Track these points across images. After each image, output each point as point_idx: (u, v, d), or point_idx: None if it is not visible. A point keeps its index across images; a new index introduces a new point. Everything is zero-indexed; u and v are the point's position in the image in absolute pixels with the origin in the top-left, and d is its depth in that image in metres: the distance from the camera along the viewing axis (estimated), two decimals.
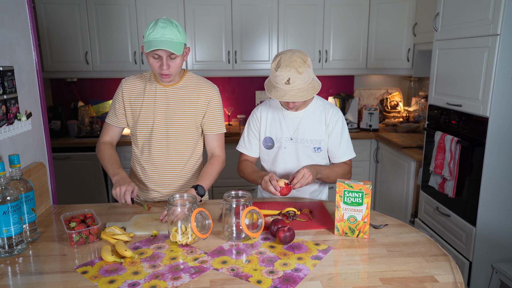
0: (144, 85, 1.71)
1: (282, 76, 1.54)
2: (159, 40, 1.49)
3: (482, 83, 2.07)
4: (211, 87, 1.74)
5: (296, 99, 1.56)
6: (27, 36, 1.69)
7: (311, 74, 1.60)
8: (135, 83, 1.72)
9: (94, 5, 3.36)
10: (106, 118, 1.79)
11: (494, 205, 2.13)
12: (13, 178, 1.35)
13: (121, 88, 1.72)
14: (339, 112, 1.78)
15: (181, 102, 1.70)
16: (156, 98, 1.69)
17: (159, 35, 1.49)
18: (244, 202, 1.35)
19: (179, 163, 1.75)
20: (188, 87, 1.71)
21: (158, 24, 1.51)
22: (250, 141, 1.85)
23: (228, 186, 3.55)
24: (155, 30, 1.50)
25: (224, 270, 1.17)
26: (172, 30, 1.51)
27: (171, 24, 1.53)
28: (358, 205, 1.36)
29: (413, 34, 3.32)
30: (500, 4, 1.92)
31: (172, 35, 1.51)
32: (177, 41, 1.52)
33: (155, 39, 1.50)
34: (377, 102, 4.09)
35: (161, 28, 1.50)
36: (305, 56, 1.58)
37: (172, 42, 1.51)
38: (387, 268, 1.18)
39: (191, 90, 1.71)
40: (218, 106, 1.75)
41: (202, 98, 1.71)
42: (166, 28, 1.50)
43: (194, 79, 1.74)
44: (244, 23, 3.50)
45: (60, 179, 3.14)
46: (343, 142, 1.78)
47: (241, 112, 4.01)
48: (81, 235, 1.32)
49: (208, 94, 1.72)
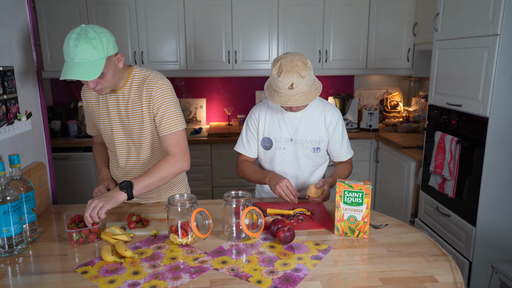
0: (97, 95, 1.62)
1: (285, 81, 1.52)
2: (71, 64, 1.32)
3: (482, 83, 2.07)
4: (154, 81, 1.53)
5: (300, 103, 1.55)
6: (27, 36, 1.69)
7: (312, 76, 1.60)
8: (89, 93, 1.66)
9: (94, 5, 3.35)
10: (86, 129, 1.81)
11: (494, 205, 2.13)
12: (13, 178, 1.35)
13: (82, 98, 1.69)
14: (338, 113, 1.79)
15: (132, 105, 1.56)
16: (108, 107, 1.60)
17: (70, 56, 1.31)
18: (244, 202, 1.35)
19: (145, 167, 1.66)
20: (134, 87, 1.56)
21: (69, 43, 1.31)
22: (248, 142, 1.84)
23: (228, 186, 3.56)
24: (67, 51, 1.32)
25: (224, 270, 1.17)
26: (85, 48, 1.31)
27: (85, 39, 1.31)
28: (358, 205, 1.36)
29: (413, 34, 3.32)
30: (500, 4, 1.92)
31: (86, 53, 1.31)
32: (92, 60, 1.33)
33: (67, 61, 1.33)
34: (377, 102, 4.09)
35: (73, 48, 1.30)
36: (305, 58, 1.56)
37: (86, 64, 1.32)
38: (387, 268, 1.18)
39: (137, 89, 1.55)
40: (164, 101, 1.53)
41: (146, 96, 1.54)
42: (78, 46, 1.30)
43: (139, 77, 1.56)
44: (244, 23, 3.49)
45: (60, 179, 3.14)
46: (344, 142, 1.82)
47: (241, 112, 4.01)
48: (81, 234, 1.32)
49: (150, 90, 1.53)
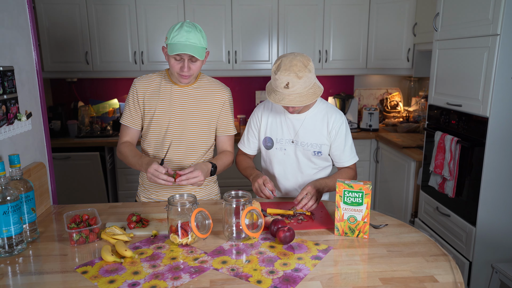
0: (159, 85, 1.72)
1: (281, 79, 1.51)
2: (184, 44, 1.53)
3: (482, 83, 2.07)
4: (225, 90, 1.79)
5: (294, 104, 1.53)
6: (27, 36, 1.69)
7: (312, 79, 1.55)
8: (149, 82, 1.73)
9: (94, 5, 3.36)
10: (122, 119, 1.76)
11: (494, 205, 2.13)
12: (13, 178, 1.35)
13: (135, 87, 1.72)
14: (342, 117, 1.74)
15: (197, 103, 1.72)
16: (172, 98, 1.70)
17: (183, 39, 1.53)
18: (244, 202, 1.35)
19: (188, 163, 1.75)
20: (203, 88, 1.74)
21: (183, 28, 1.55)
22: (249, 140, 1.86)
23: (228, 186, 3.55)
24: (180, 34, 1.54)
25: (224, 270, 1.17)
26: (196, 35, 1.56)
27: (196, 29, 1.57)
28: (358, 205, 1.36)
29: (413, 34, 3.32)
30: (500, 4, 1.92)
31: (196, 40, 1.55)
32: (200, 46, 1.57)
33: (179, 42, 1.53)
34: (377, 102, 4.09)
35: (186, 32, 1.54)
36: (307, 60, 1.53)
37: (196, 47, 1.55)
38: (387, 268, 1.18)
39: (206, 91, 1.75)
40: (231, 109, 1.81)
41: (217, 100, 1.75)
42: (191, 32, 1.54)
43: (209, 81, 1.78)
44: (244, 23, 3.49)
45: (60, 179, 3.14)
46: (347, 147, 1.74)
47: (241, 112, 4.01)
48: (81, 234, 1.32)
49: (222, 97, 1.76)
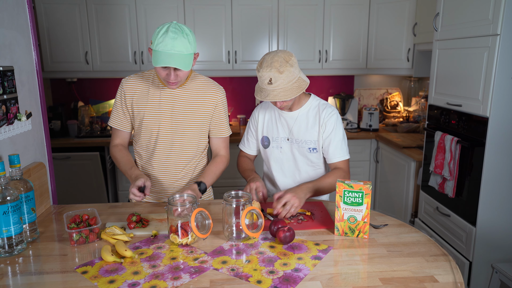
0: (148, 86, 1.65)
1: (264, 76, 1.53)
2: (168, 54, 1.42)
3: (482, 83, 2.07)
4: (218, 90, 1.70)
5: (279, 98, 1.54)
6: (27, 36, 1.69)
7: (296, 73, 1.56)
8: (137, 83, 1.66)
9: (94, 5, 3.36)
10: (110, 122, 1.71)
11: (494, 205, 2.13)
12: (13, 178, 1.35)
13: (122, 88, 1.65)
14: (333, 111, 1.73)
15: (188, 104, 1.65)
16: (161, 100, 1.63)
17: (168, 47, 1.42)
18: (244, 202, 1.35)
19: (180, 165, 1.73)
20: (194, 89, 1.67)
21: (168, 34, 1.42)
22: (248, 140, 1.90)
23: (228, 186, 3.55)
24: (165, 41, 1.42)
25: (224, 270, 1.17)
26: (183, 42, 1.43)
27: (182, 34, 1.44)
28: (358, 205, 1.36)
29: (413, 34, 3.32)
30: (500, 4, 1.92)
31: (182, 47, 1.43)
32: (186, 53, 1.45)
33: (164, 51, 1.42)
34: (377, 102, 4.09)
35: (172, 40, 1.41)
36: (288, 56, 1.54)
37: (181, 56, 1.44)
38: (387, 268, 1.18)
39: (197, 91, 1.66)
40: (225, 109, 1.73)
41: (209, 101, 1.68)
42: (176, 39, 1.42)
43: (200, 80, 1.69)
44: (244, 23, 3.50)
45: (60, 179, 3.14)
46: (334, 142, 1.71)
47: (241, 112, 4.01)
48: (81, 234, 1.32)
49: (215, 97, 1.69)
